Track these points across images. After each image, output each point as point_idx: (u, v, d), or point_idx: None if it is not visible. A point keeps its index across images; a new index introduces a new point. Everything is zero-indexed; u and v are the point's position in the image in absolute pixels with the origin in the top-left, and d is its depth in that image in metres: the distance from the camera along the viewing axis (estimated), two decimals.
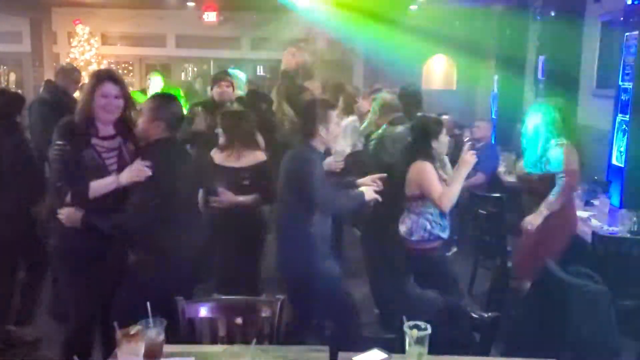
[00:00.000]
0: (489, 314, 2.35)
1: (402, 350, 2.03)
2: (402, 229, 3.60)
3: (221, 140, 3.87)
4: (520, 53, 8.88)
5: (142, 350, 1.92)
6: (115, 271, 2.90)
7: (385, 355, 2.09)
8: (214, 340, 2.39)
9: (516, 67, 8.88)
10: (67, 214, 2.74)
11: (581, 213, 4.26)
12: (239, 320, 2.41)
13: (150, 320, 2.04)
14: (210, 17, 11.78)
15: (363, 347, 2.16)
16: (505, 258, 4.39)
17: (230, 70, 5.50)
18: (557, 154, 3.68)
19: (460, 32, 11.01)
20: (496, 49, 10.15)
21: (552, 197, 3.66)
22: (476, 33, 10.97)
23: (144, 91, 6.71)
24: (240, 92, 5.33)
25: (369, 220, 4.27)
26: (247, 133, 3.85)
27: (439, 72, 12.35)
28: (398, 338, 2.12)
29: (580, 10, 6.88)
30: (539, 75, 7.49)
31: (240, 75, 5.83)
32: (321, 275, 3.14)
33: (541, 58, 7.40)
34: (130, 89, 11.81)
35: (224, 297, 2.64)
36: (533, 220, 3.69)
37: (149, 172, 2.77)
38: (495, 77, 9.69)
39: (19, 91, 9.57)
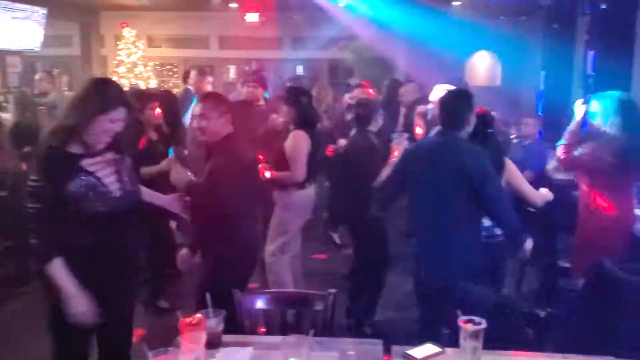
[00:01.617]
0: (543, 311, 2.35)
1: (454, 346, 2.05)
2: (487, 222, 3.39)
3: None
4: (568, 48, 8.70)
5: (204, 339, 1.99)
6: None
7: (438, 349, 2.11)
8: (269, 332, 2.45)
9: (564, 62, 8.70)
10: None
11: (637, 211, 4.16)
12: (292, 313, 2.47)
13: (210, 310, 2.11)
14: (252, 17, 11.93)
15: (416, 341, 2.18)
16: (554, 256, 4.32)
17: None
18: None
19: (505, 27, 10.85)
20: (543, 44, 9.96)
21: None
22: (522, 28, 10.79)
23: None
24: None
25: None
26: None
27: (482, 68, 12.20)
28: (450, 333, 2.13)
29: (631, 2, 6.70)
30: (589, 71, 7.33)
31: None
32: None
33: (591, 53, 7.24)
34: (175, 90, 12.11)
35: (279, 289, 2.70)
36: None
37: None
38: (542, 73, 9.51)
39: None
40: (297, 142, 4.17)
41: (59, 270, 2.35)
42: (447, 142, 3.05)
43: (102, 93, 2.43)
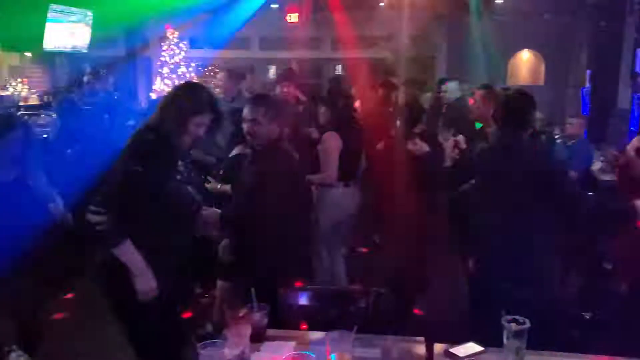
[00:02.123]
0: (588, 313, 2.32)
1: (497, 345, 2.05)
2: None
3: None
4: (616, 46, 8.49)
5: (249, 332, 2.04)
6: None
7: (481, 348, 2.11)
8: (311, 328, 2.49)
9: (611, 60, 8.50)
10: None
11: None
12: (334, 310, 2.50)
13: (255, 305, 2.17)
14: (293, 18, 12.01)
15: (459, 340, 2.19)
16: (598, 259, 4.24)
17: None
18: None
19: (549, 25, 10.65)
20: (589, 42, 9.74)
21: None
22: (567, 26, 10.57)
23: None
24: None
25: None
26: None
27: (525, 66, 12.00)
28: (493, 332, 2.13)
29: None
30: (637, 69, 7.14)
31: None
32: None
33: (639, 51, 7.06)
34: (217, 90, 12.27)
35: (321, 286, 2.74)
36: None
37: None
38: (588, 72, 9.30)
39: None
40: (328, 144, 4.26)
41: (130, 248, 2.45)
42: (517, 144, 3.00)
43: (194, 96, 2.57)
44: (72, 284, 5.06)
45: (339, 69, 13.33)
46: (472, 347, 2.12)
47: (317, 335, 2.26)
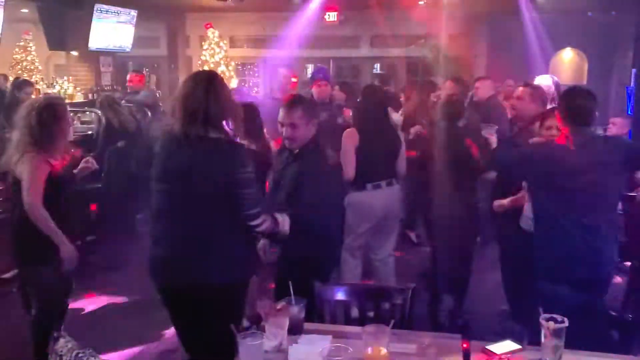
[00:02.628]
0: (630, 314, 2.28)
1: (535, 343, 2.04)
2: None
3: None
4: None
5: (287, 325, 2.08)
6: None
7: (518, 346, 2.10)
8: (347, 323, 2.52)
9: None
10: None
11: None
12: (371, 305, 2.53)
13: (293, 298, 2.21)
14: (332, 16, 12.03)
15: (496, 338, 2.18)
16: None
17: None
18: None
19: (592, 23, 10.41)
20: (635, 40, 9.47)
21: None
22: (611, 23, 10.31)
23: None
24: None
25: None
26: None
27: (567, 65, 11.75)
28: (529, 331, 2.12)
29: None
30: None
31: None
32: None
33: None
34: (255, 89, 12.37)
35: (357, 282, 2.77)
36: None
37: None
38: (634, 70, 9.05)
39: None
40: (345, 140, 4.19)
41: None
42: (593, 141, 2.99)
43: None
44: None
45: (377, 68, 13.30)
46: (509, 345, 2.11)
47: (353, 329, 2.28)
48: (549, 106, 4.07)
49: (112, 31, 10.26)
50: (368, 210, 4.23)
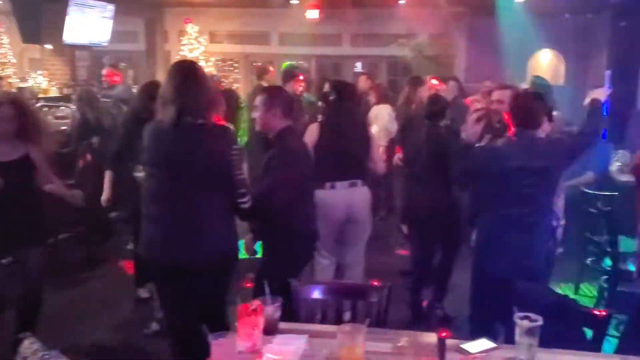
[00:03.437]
0: (602, 312, 2.30)
1: (509, 342, 2.05)
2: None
3: None
4: (636, 46, 8.38)
5: (261, 325, 2.06)
6: None
7: (493, 345, 2.11)
8: (324, 322, 2.50)
9: (631, 61, 8.39)
10: None
11: None
12: (348, 304, 2.51)
13: (268, 297, 2.18)
14: (313, 14, 12.00)
15: (471, 336, 2.19)
16: (617, 259, 4.20)
17: None
18: None
19: (569, 25, 10.54)
20: (609, 43, 9.63)
21: None
22: (587, 26, 10.44)
23: None
24: None
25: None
26: None
27: (545, 66, 11.88)
28: (505, 329, 2.13)
29: None
30: None
31: None
32: None
33: None
34: (235, 85, 12.30)
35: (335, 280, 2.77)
36: None
37: None
38: (608, 72, 9.19)
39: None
40: (305, 136, 3.96)
41: None
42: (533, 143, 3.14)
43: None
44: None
45: (358, 66, 13.31)
46: (484, 344, 2.11)
47: (330, 328, 2.27)
48: None
49: (88, 25, 10.09)
50: (329, 210, 3.88)
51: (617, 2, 9.22)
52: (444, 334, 1.95)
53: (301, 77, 5.84)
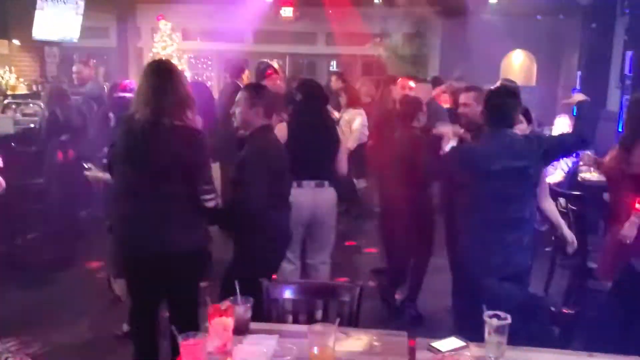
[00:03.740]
0: (569, 309, 2.34)
1: (479, 340, 2.06)
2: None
3: None
4: (606, 48, 8.55)
5: (232, 325, 2.03)
6: None
7: (463, 343, 2.12)
8: (295, 321, 2.49)
9: (601, 62, 8.55)
10: None
11: None
12: (319, 303, 2.51)
13: (239, 297, 2.16)
14: (287, 12, 11.97)
15: (441, 334, 2.20)
16: (585, 257, 4.27)
17: None
18: None
19: (542, 26, 10.70)
20: (580, 44, 9.80)
21: None
22: (559, 27, 10.61)
23: None
24: None
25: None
26: None
27: (517, 67, 12.04)
28: (476, 327, 2.14)
29: None
30: (626, 71, 7.19)
31: None
32: None
33: (628, 53, 7.11)
34: (209, 83, 12.19)
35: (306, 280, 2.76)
36: (629, 233, 3.51)
37: None
38: (579, 73, 9.36)
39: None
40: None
41: None
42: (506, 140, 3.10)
43: None
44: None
45: (333, 65, 13.32)
46: (454, 342, 2.13)
47: (301, 328, 2.26)
48: None
49: (58, 21, 9.89)
50: (294, 210, 3.68)
51: (588, 5, 9.39)
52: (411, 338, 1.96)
53: (273, 74, 5.78)
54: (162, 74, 2.83)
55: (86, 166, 3.75)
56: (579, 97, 3.38)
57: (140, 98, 2.81)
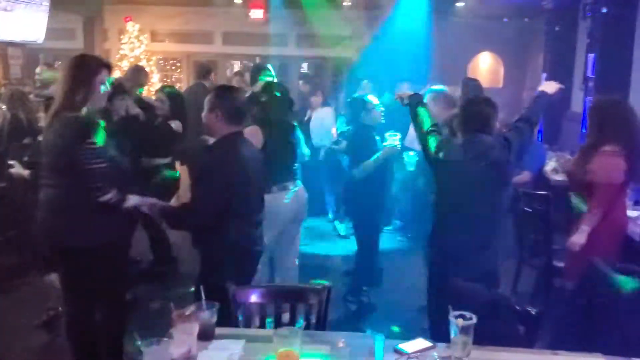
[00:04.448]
0: (535, 308, 2.36)
1: (446, 340, 2.07)
2: None
3: None
4: (569, 50, 8.72)
5: (196, 331, 2.00)
6: None
7: (429, 343, 2.13)
8: (262, 325, 2.47)
9: (565, 64, 8.72)
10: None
11: (630, 213, 4.17)
12: (286, 307, 2.49)
13: (204, 303, 2.13)
14: (257, 14, 11.92)
15: (408, 336, 2.20)
16: (550, 256, 4.34)
17: None
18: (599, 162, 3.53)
19: (508, 29, 10.86)
20: (545, 46, 9.98)
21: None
22: (524, 30, 10.79)
23: None
24: None
25: None
26: None
27: (484, 69, 12.20)
28: (443, 327, 2.15)
29: (632, 6, 6.71)
30: (589, 73, 7.34)
31: None
32: None
33: (591, 56, 7.25)
34: (178, 85, 12.07)
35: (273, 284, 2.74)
36: (578, 240, 3.58)
37: None
38: (544, 75, 9.52)
39: None
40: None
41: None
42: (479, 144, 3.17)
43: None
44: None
45: (304, 67, 13.30)
46: (420, 343, 2.13)
47: (267, 332, 2.24)
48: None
49: (22, 21, 9.68)
50: (274, 215, 3.70)
51: (552, 8, 9.56)
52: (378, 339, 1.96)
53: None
54: (65, 67, 3.04)
55: (10, 163, 3.84)
56: (549, 87, 3.52)
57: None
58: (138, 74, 6.09)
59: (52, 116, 2.94)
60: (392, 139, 4.35)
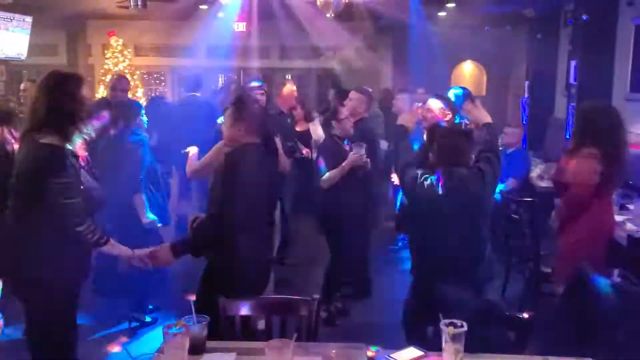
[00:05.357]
0: (525, 314, 2.37)
1: (437, 348, 2.08)
2: None
3: None
4: (552, 58, 8.84)
5: (187, 345, 1.99)
6: None
7: (421, 352, 2.13)
8: (253, 338, 2.46)
9: (547, 72, 8.83)
10: None
11: (616, 217, 4.22)
12: (277, 319, 2.48)
13: (194, 317, 2.12)
14: (240, 27, 11.93)
15: (399, 345, 2.20)
16: (538, 262, 4.37)
17: None
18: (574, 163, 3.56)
19: (490, 37, 10.99)
20: (527, 54, 10.10)
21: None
22: (507, 38, 10.92)
23: None
24: None
25: None
26: None
27: (468, 77, 12.32)
28: (433, 336, 2.16)
29: (613, 13, 6.83)
30: (571, 80, 7.44)
31: None
32: None
33: (573, 62, 7.35)
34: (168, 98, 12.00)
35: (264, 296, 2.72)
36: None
37: None
38: (527, 82, 9.63)
39: None
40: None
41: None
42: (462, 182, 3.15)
43: None
44: None
45: (288, 78, 13.34)
46: (412, 352, 2.14)
47: (258, 345, 2.23)
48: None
49: (4, 37, 9.62)
50: None
51: (533, 16, 9.70)
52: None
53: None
54: (42, 85, 2.73)
55: None
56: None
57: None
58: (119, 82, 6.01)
59: (24, 141, 2.74)
60: (358, 149, 4.33)
